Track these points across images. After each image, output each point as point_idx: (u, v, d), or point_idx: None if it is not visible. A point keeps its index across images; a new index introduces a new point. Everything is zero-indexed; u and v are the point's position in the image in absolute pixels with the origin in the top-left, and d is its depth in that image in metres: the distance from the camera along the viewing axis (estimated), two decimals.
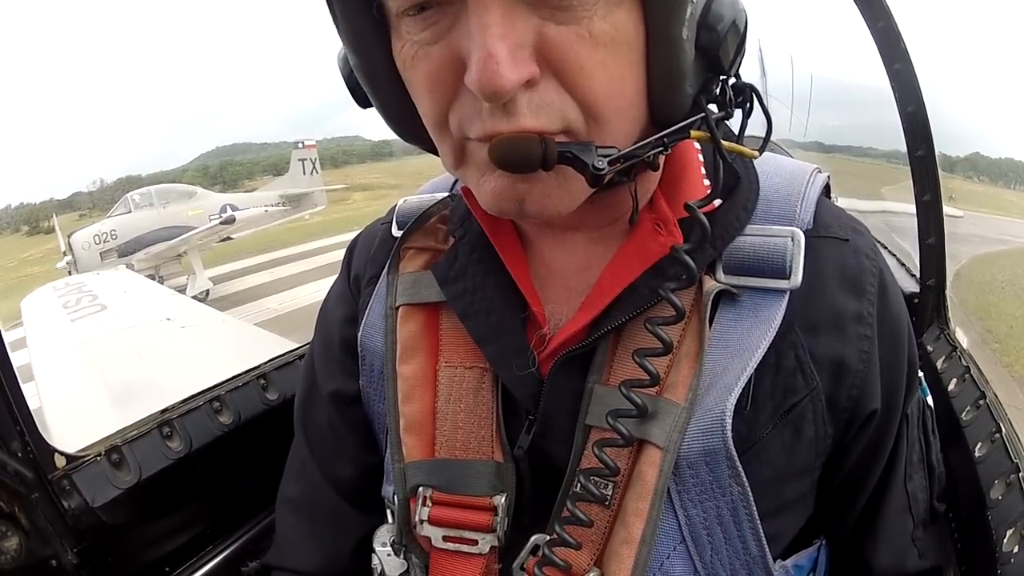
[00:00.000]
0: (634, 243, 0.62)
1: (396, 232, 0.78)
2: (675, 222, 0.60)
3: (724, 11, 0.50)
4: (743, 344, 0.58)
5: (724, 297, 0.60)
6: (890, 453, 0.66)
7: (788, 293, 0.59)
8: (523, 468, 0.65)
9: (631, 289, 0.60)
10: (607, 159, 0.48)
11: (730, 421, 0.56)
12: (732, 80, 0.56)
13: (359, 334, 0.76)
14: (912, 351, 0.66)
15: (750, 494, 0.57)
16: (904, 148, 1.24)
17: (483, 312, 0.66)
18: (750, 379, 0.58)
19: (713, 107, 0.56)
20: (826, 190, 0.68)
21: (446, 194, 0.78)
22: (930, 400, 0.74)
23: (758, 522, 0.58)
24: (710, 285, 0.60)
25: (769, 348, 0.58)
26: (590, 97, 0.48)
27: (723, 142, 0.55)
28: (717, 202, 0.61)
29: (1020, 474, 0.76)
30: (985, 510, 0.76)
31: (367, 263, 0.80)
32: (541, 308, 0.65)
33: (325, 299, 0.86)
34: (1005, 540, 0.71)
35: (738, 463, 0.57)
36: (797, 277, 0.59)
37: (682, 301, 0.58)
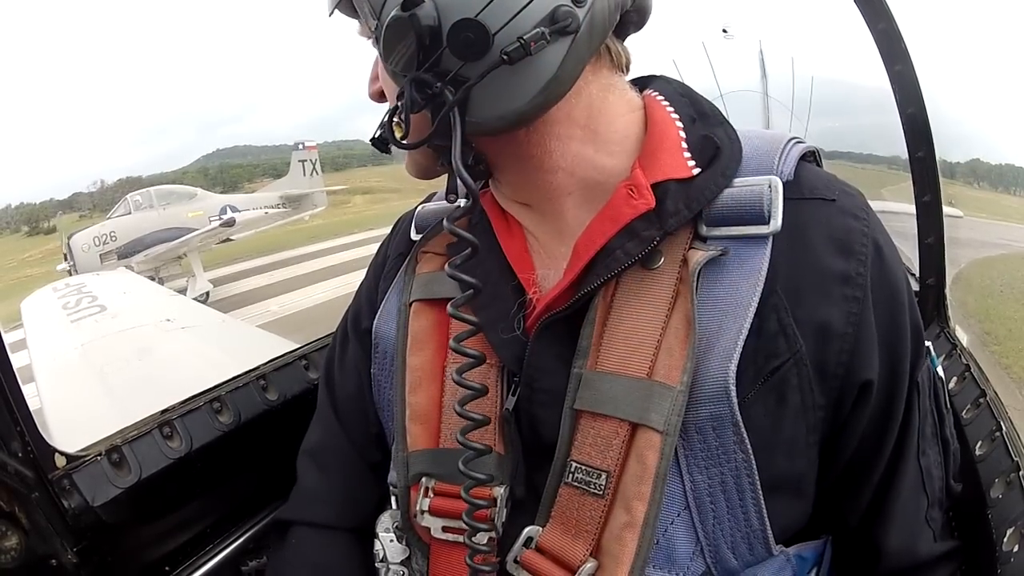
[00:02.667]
0: (608, 209, 0.64)
1: (415, 236, 0.83)
2: (647, 186, 0.62)
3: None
4: (733, 300, 0.59)
5: (709, 260, 0.61)
6: (901, 425, 0.65)
7: (771, 240, 0.60)
8: (510, 430, 0.67)
9: (604, 251, 0.63)
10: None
11: (734, 387, 0.57)
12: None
13: (374, 322, 0.80)
14: (915, 315, 0.65)
15: (753, 461, 0.58)
16: (904, 154, 1.24)
17: (485, 285, 0.68)
18: None
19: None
20: (817, 161, 0.70)
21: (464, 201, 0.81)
22: (940, 371, 0.73)
23: (760, 493, 0.59)
24: (696, 259, 0.60)
25: (754, 311, 0.58)
26: (388, 100, 0.66)
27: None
28: (696, 170, 0.63)
29: (1020, 473, 0.76)
30: (985, 509, 0.75)
31: (396, 243, 0.87)
32: (528, 275, 0.69)
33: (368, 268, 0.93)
34: (1005, 539, 0.70)
35: (743, 429, 0.58)
36: (777, 221, 0.60)
37: (667, 279, 0.61)
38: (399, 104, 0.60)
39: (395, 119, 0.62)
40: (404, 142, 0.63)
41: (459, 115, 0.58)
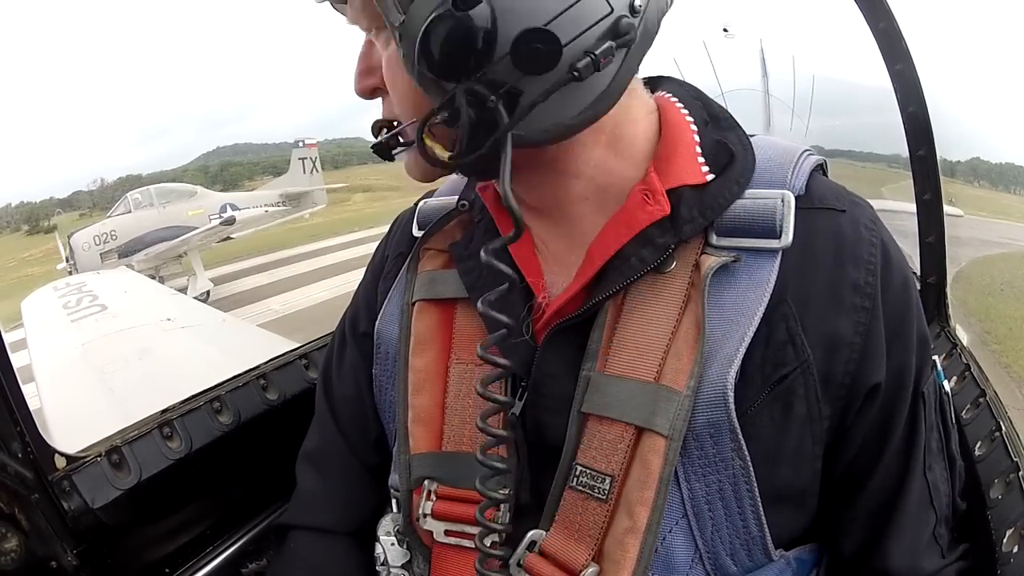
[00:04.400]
0: (623, 214, 0.63)
1: (416, 232, 0.82)
2: (663, 192, 0.61)
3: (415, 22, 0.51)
4: (739, 309, 0.59)
5: (720, 268, 0.61)
6: (907, 436, 0.64)
7: (780, 254, 0.60)
8: (517, 436, 0.66)
9: (619, 257, 0.62)
10: (382, 136, 0.64)
11: (732, 394, 0.57)
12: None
13: (376, 323, 0.80)
14: (922, 326, 0.65)
15: (751, 468, 0.58)
16: (905, 152, 1.24)
17: (487, 286, 0.67)
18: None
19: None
20: (823, 170, 0.69)
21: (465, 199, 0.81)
22: (947, 386, 0.72)
23: (759, 500, 0.59)
24: (708, 264, 0.60)
25: (760, 320, 0.58)
26: (395, 101, 0.62)
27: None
28: (710, 176, 0.62)
29: (1020, 473, 0.76)
30: (985, 510, 0.75)
31: (395, 242, 0.86)
32: (537, 279, 0.68)
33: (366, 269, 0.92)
34: (1005, 540, 0.70)
35: (740, 436, 0.57)
36: (788, 236, 0.60)
37: (678, 284, 0.61)
38: (436, 116, 0.54)
39: (427, 130, 0.57)
40: (446, 158, 0.57)
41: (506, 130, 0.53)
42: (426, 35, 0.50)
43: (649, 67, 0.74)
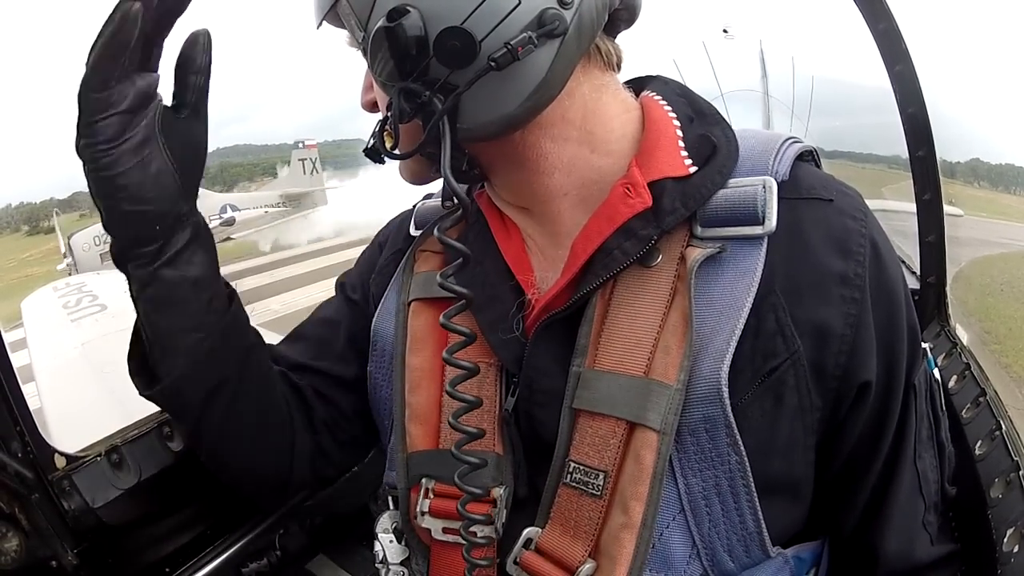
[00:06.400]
0: (605, 208, 0.64)
1: (414, 232, 0.83)
2: (644, 185, 0.62)
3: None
4: (727, 301, 0.59)
5: (706, 259, 0.61)
6: (898, 427, 0.64)
7: (766, 241, 0.60)
8: (510, 432, 0.67)
9: (602, 250, 0.62)
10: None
11: (726, 389, 0.57)
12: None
13: (373, 320, 0.81)
14: (912, 317, 0.65)
15: (747, 463, 0.58)
16: (904, 153, 1.24)
17: (479, 284, 0.68)
18: None
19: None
20: (815, 161, 0.70)
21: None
22: (937, 374, 0.73)
23: (755, 496, 0.59)
24: (693, 256, 0.60)
25: (749, 311, 0.58)
26: (381, 109, 0.66)
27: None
28: (693, 169, 0.63)
29: (1020, 472, 0.76)
30: (985, 509, 0.75)
31: (392, 238, 0.89)
32: (526, 276, 0.69)
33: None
34: (1005, 539, 0.70)
35: (736, 431, 0.57)
36: (771, 222, 0.60)
37: (665, 277, 0.61)
38: (389, 114, 0.60)
39: (385, 129, 0.62)
40: (395, 152, 0.63)
41: (449, 123, 0.57)
42: (372, 47, 0.57)
43: (649, 68, 0.75)
